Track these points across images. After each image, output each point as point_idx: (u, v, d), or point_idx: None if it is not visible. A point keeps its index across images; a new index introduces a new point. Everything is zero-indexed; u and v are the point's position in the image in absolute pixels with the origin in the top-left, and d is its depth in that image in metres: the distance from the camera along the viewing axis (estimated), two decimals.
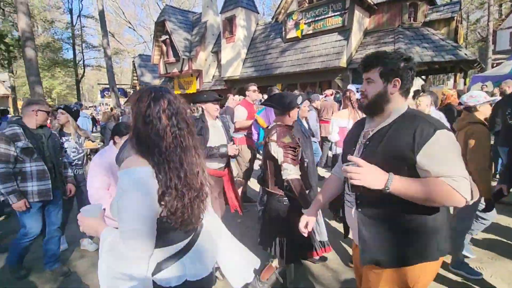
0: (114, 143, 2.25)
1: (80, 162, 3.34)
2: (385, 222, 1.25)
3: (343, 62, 9.51)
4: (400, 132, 1.19)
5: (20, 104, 19.95)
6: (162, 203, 1.04)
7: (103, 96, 23.04)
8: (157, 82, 19.66)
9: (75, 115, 3.44)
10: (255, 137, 4.03)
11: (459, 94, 7.00)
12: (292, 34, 11.29)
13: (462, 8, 9.90)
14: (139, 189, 1.02)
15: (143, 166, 1.05)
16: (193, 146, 1.17)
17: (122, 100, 20.60)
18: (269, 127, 2.28)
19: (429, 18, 9.72)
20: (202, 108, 2.76)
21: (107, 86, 18.05)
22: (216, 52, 14.62)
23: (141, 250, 1.04)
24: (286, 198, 2.16)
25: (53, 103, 28.49)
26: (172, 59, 15.29)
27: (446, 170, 1.10)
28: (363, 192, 1.16)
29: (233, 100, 6.10)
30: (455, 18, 9.40)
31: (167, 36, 15.01)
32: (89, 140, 3.53)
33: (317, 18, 10.43)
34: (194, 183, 1.15)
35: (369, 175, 1.11)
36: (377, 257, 1.26)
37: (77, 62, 24.38)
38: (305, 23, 10.78)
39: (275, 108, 2.26)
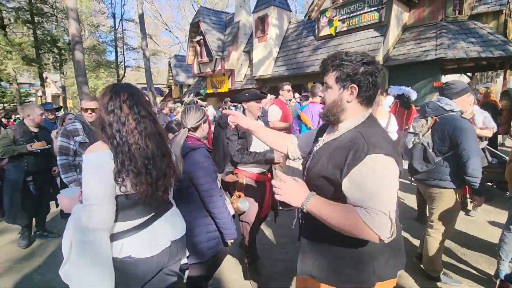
0: None
1: None
2: (320, 240, 1.18)
3: (378, 60, 9.17)
4: (340, 149, 1.08)
5: (69, 102, 21.74)
6: (118, 181, 1.18)
7: None
8: (191, 81, 20.34)
9: None
10: (296, 133, 4.00)
11: (510, 92, 6.45)
12: (325, 31, 11.09)
13: (510, 1, 9.06)
14: (94, 169, 1.18)
15: (101, 150, 1.21)
16: (157, 133, 1.31)
17: (158, 99, 21.59)
18: None
19: (476, 11, 9.01)
20: (243, 107, 2.59)
21: (145, 85, 19.02)
22: (248, 52, 14.78)
23: (97, 222, 1.17)
24: None
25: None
26: (205, 59, 15.73)
27: (364, 200, 0.99)
28: (288, 207, 1.13)
29: (266, 99, 6.13)
30: (504, 11, 8.63)
31: (201, 37, 15.47)
32: None
33: (352, 15, 10.13)
34: (159, 165, 1.29)
35: (289, 192, 1.07)
36: (313, 272, 1.22)
37: (118, 63, 26.00)
38: (339, 20, 10.53)
39: None
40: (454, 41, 8.39)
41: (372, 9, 9.54)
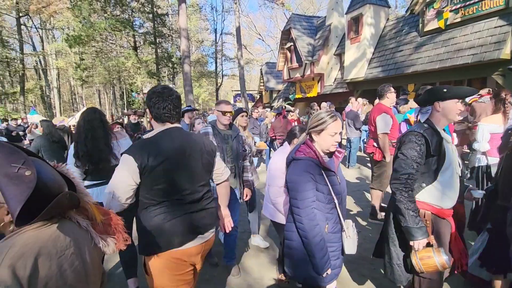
0: (289, 143, 2.46)
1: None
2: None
3: (505, 54, 7.48)
4: None
5: None
6: (76, 163, 2.41)
7: (235, 101, 26.45)
8: (280, 87, 20.95)
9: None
10: None
11: None
12: (432, 25, 9.74)
13: None
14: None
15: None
16: (100, 139, 2.46)
17: (250, 104, 23.02)
18: None
19: None
20: (432, 109, 1.84)
21: (239, 92, 20.61)
22: (339, 54, 14.29)
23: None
24: None
25: (199, 107, 34.78)
26: (295, 64, 15.98)
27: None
28: None
29: (358, 103, 5.80)
30: None
31: (292, 43, 15.80)
32: (254, 140, 3.63)
33: (468, 3, 8.60)
34: (96, 154, 2.42)
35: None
36: None
37: (217, 72, 28.97)
38: (450, 11, 9.09)
39: None
40: None
41: None
